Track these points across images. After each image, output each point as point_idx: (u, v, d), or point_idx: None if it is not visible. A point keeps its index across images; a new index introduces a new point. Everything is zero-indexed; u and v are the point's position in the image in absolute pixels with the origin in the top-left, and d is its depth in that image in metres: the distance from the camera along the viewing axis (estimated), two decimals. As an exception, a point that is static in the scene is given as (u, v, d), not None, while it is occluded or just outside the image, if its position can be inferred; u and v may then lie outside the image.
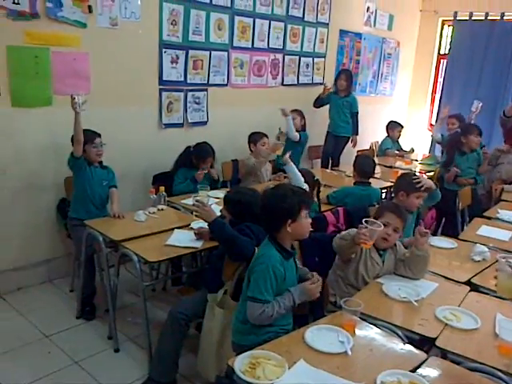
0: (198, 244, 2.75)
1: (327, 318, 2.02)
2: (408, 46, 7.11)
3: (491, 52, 6.48)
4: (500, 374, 1.71)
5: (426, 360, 1.75)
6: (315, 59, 5.54)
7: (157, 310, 3.24)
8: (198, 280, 2.96)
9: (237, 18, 4.47)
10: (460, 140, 4.48)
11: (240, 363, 1.64)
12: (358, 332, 1.90)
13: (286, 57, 5.13)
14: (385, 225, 2.40)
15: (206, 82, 4.34)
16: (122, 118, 3.77)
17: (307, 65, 5.44)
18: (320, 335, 1.86)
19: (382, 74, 6.75)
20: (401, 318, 2.09)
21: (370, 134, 6.35)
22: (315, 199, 3.19)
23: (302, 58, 5.33)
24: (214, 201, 3.36)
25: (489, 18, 6.48)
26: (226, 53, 4.45)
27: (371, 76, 6.56)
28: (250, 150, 4.26)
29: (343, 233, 2.38)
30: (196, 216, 2.84)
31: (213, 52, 4.33)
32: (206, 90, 4.36)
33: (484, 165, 4.55)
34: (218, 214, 2.54)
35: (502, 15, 6.35)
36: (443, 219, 4.35)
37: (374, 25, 6.33)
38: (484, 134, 4.71)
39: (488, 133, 5.97)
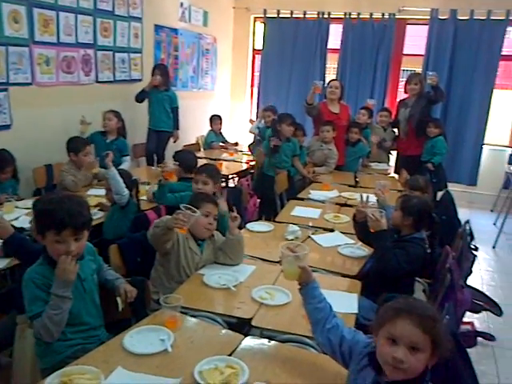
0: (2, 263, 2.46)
1: (148, 318, 1.99)
2: (224, 41, 7.37)
3: (298, 48, 7.07)
4: (308, 340, 1.88)
5: (241, 341, 1.84)
6: (131, 55, 5.39)
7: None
8: (7, 303, 2.66)
9: (36, 10, 4.09)
10: (276, 128, 4.79)
11: (50, 386, 1.51)
12: (179, 327, 1.91)
13: (99, 52, 4.88)
14: (206, 215, 2.48)
15: (5, 81, 3.90)
16: None
17: (123, 60, 5.26)
18: (140, 338, 1.82)
19: (202, 69, 6.88)
20: (221, 305, 2.17)
21: (196, 128, 6.46)
22: (134, 200, 3.12)
23: (116, 54, 5.13)
24: (24, 212, 3.05)
25: (294, 16, 7.05)
26: (26, 48, 4.05)
27: (191, 71, 6.65)
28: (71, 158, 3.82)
29: (156, 221, 2.36)
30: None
31: (10, 47, 3.90)
32: (6, 89, 3.92)
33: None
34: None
35: (305, 13, 6.97)
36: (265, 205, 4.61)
37: (189, 20, 6.41)
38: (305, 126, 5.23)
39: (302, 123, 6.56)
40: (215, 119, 6.09)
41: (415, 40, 7.46)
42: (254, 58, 7.71)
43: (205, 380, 1.58)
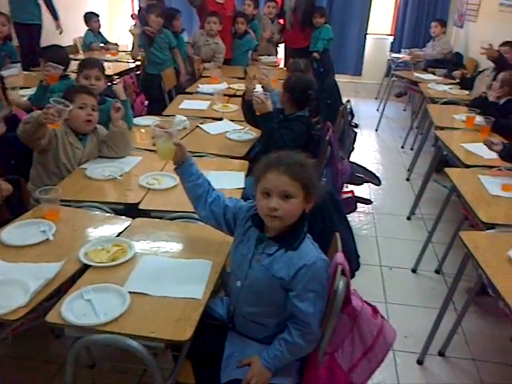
0: None
1: (27, 214, 1.89)
2: None
3: None
4: (195, 215, 1.90)
5: (130, 224, 1.84)
6: None
7: None
8: None
9: None
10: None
11: None
12: (61, 218, 1.84)
13: None
14: (81, 107, 2.32)
15: None
16: None
17: None
18: (19, 233, 1.74)
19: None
20: (107, 194, 2.11)
21: (72, 29, 5.85)
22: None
23: None
24: None
25: None
26: None
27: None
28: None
29: (25, 117, 2.18)
30: None
31: None
32: None
33: None
34: None
35: None
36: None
37: None
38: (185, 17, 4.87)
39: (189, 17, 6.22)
40: (91, 17, 5.53)
41: None
42: None
43: (91, 260, 1.58)
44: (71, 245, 1.67)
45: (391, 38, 6.79)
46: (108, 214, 1.90)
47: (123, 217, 1.88)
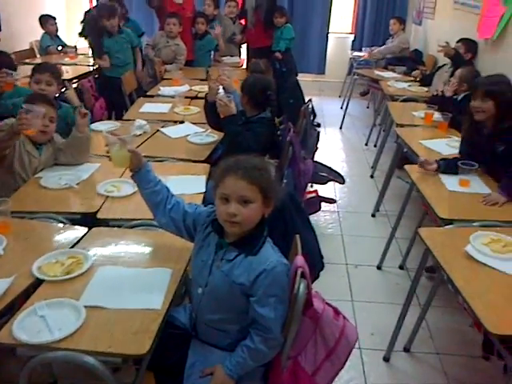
0: None
1: (-24, 228, 1.81)
2: None
3: None
4: (155, 222, 1.86)
5: (86, 234, 1.78)
6: None
7: None
8: None
9: None
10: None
11: None
12: (13, 231, 1.77)
13: None
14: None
15: None
16: None
17: None
18: (-33, 249, 1.66)
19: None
20: (63, 204, 2.04)
21: (28, 32, 5.67)
22: None
23: None
24: None
25: None
26: None
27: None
28: None
29: None
30: None
31: None
32: None
33: None
34: None
35: None
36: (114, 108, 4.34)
37: None
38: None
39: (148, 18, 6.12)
40: (47, 20, 5.37)
41: None
42: None
43: (45, 274, 1.52)
44: (23, 259, 1.60)
45: (352, 37, 6.87)
46: (62, 225, 1.83)
47: (77, 227, 1.82)
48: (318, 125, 3.34)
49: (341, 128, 5.53)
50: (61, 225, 1.85)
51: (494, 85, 2.33)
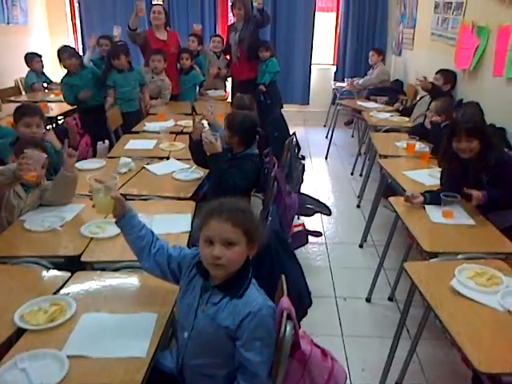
0: None
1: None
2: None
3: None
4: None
5: (69, 279, 1.75)
6: None
7: None
8: None
9: None
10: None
11: None
12: (-5, 278, 1.75)
13: None
14: None
15: None
16: None
17: None
18: None
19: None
20: (46, 247, 2.02)
21: (13, 70, 5.71)
22: None
23: None
24: None
25: None
26: None
27: (-4, 2, 5.74)
28: None
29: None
30: None
31: None
32: None
33: None
34: None
35: None
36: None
37: None
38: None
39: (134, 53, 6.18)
40: (33, 57, 5.43)
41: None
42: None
43: (27, 323, 1.49)
44: (5, 307, 1.57)
45: (334, 68, 7.02)
46: (45, 270, 1.80)
47: (60, 272, 1.79)
48: (303, 157, 3.38)
49: (326, 158, 5.58)
50: (44, 270, 1.82)
51: (474, 122, 2.38)
